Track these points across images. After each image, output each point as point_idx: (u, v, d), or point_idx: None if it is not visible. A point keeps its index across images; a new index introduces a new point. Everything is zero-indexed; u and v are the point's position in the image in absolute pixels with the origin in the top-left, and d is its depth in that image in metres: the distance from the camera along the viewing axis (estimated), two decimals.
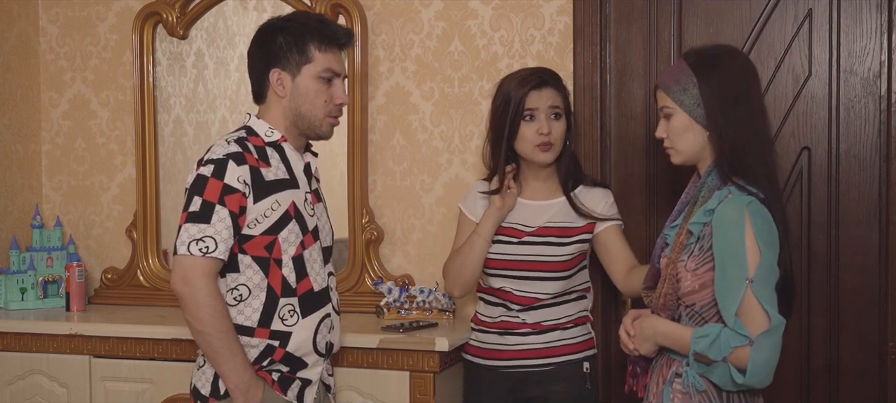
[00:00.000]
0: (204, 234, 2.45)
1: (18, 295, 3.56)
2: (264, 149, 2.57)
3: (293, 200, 2.57)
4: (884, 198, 3.09)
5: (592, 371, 2.96)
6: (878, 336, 3.12)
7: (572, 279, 2.92)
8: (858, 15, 3.09)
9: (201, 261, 2.45)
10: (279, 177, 2.56)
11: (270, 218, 2.53)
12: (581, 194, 2.94)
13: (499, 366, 2.94)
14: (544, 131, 2.84)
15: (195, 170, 2.52)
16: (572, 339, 2.93)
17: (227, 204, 2.46)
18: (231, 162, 2.48)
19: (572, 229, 2.90)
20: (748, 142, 2.35)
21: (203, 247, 2.44)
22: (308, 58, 2.57)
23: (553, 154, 2.88)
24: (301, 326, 2.58)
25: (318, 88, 2.58)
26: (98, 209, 3.86)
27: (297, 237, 2.57)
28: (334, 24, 2.67)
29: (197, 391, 2.59)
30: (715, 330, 2.27)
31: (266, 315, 2.54)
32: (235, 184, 2.48)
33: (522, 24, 3.38)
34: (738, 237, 2.25)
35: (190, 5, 3.68)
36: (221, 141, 2.56)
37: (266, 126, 2.60)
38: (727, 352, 2.24)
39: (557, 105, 2.88)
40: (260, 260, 2.54)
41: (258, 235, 2.52)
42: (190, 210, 2.47)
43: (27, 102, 3.85)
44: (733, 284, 2.25)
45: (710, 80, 2.36)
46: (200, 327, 2.46)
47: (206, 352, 2.52)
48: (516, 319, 2.92)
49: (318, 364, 2.64)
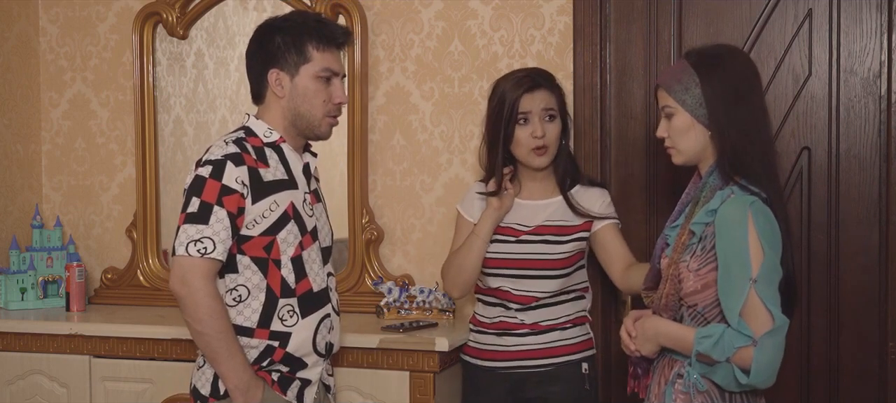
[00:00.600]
0: (202, 235, 2.45)
1: (18, 295, 3.56)
2: (263, 150, 2.57)
3: (292, 201, 2.57)
4: (884, 198, 3.09)
5: (591, 371, 2.96)
6: (878, 336, 3.12)
7: (570, 278, 2.92)
8: (858, 15, 3.09)
9: (199, 262, 2.45)
10: (278, 177, 2.56)
11: (269, 219, 2.52)
12: (578, 193, 2.94)
13: (497, 367, 2.94)
14: (538, 134, 2.84)
15: (194, 171, 2.52)
16: (571, 340, 2.93)
17: (226, 205, 2.46)
18: (229, 162, 2.48)
19: (569, 227, 2.90)
20: (750, 141, 2.35)
21: (201, 248, 2.44)
22: (306, 58, 2.57)
23: (548, 157, 2.89)
24: (301, 326, 2.58)
25: (316, 88, 2.58)
26: (98, 209, 3.86)
27: (296, 238, 2.56)
28: (332, 24, 2.67)
29: (196, 391, 2.59)
30: (718, 330, 2.27)
31: (265, 315, 2.54)
32: (234, 185, 2.47)
33: (522, 24, 3.38)
34: (742, 237, 2.25)
35: (190, 5, 3.68)
36: (220, 141, 2.56)
37: (264, 126, 2.60)
38: (731, 353, 2.24)
39: (551, 107, 2.88)
40: (258, 261, 2.53)
41: (256, 236, 2.52)
42: (188, 211, 2.47)
43: (27, 102, 3.85)
44: (737, 284, 2.25)
45: (711, 80, 2.36)
46: (199, 328, 2.47)
47: (205, 353, 2.52)
48: (514, 319, 2.92)
49: (317, 365, 2.64)
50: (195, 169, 2.52)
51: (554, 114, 2.88)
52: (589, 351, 2.98)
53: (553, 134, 2.88)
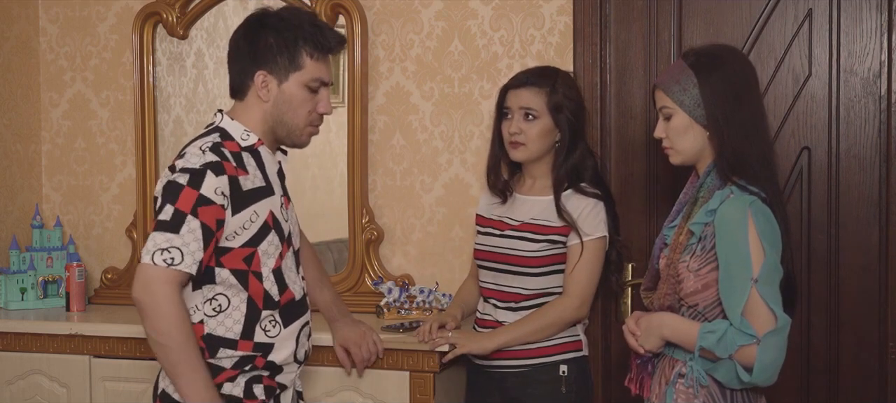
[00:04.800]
0: (170, 244, 2.30)
1: (18, 295, 3.55)
2: (241, 155, 2.43)
3: (270, 209, 2.46)
4: (884, 198, 3.09)
5: (572, 374, 2.87)
6: (878, 336, 3.12)
7: (547, 278, 2.88)
8: (858, 15, 3.09)
9: (164, 272, 2.30)
10: (256, 184, 2.43)
11: (249, 230, 2.41)
12: (568, 197, 2.89)
13: (483, 366, 2.93)
14: (512, 130, 2.86)
15: (167, 176, 2.38)
16: (547, 341, 2.86)
17: (201, 216, 2.32)
18: (209, 172, 2.34)
19: (548, 228, 2.86)
20: (749, 142, 2.35)
21: (168, 258, 2.30)
22: (298, 65, 2.44)
23: (524, 153, 2.87)
24: (283, 336, 2.49)
25: (303, 97, 2.47)
26: (98, 209, 3.86)
27: (277, 249, 2.47)
28: (327, 29, 2.52)
29: (166, 395, 2.46)
30: (722, 326, 2.27)
31: (248, 326, 2.44)
32: (213, 197, 2.34)
33: (522, 24, 3.38)
34: (742, 237, 2.26)
35: (190, 5, 3.68)
36: (194, 148, 2.40)
37: (241, 128, 2.47)
38: (733, 349, 2.24)
39: (531, 107, 2.84)
40: (238, 274, 2.42)
41: (237, 247, 2.40)
42: (160, 218, 2.33)
43: (27, 102, 3.85)
44: (738, 284, 2.25)
45: (710, 80, 2.36)
46: (160, 338, 2.31)
47: (164, 366, 2.36)
48: (500, 318, 2.91)
49: (292, 372, 2.57)
50: (170, 174, 2.38)
51: (534, 115, 2.84)
52: (570, 353, 2.88)
53: (531, 133, 2.85)
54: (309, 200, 3.47)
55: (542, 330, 2.84)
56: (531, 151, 2.87)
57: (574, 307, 2.83)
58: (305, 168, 3.58)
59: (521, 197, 2.95)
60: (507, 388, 2.90)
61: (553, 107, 2.85)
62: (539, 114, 2.85)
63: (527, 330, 2.84)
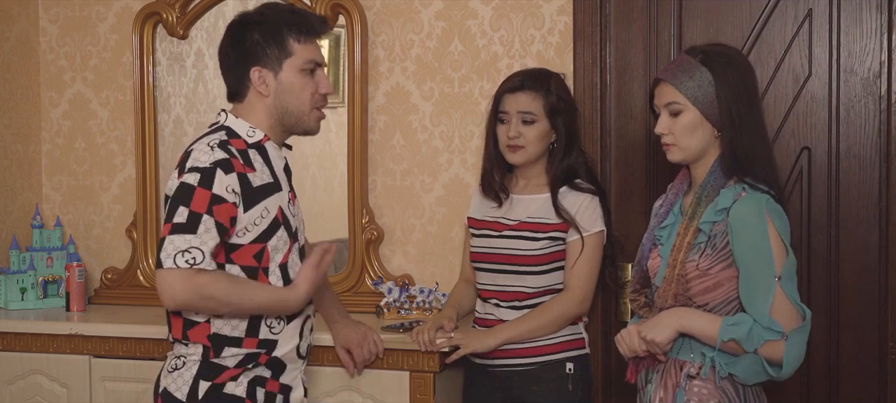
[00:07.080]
0: (190, 245, 2.33)
1: (18, 295, 3.55)
2: (247, 152, 2.46)
3: (279, 204, 2.48)
4: (884, 197, 3.09)
5: (578, 371, 2.89)
6: (878, 336, 3.12)
7: (550, 275, 2.89)
8: (858, 15, 3.09)
9: (187, 272, 2.33)
10: (265, 181, 2.46)
11: (260, 227, 2.44)
12: (564, 195, 2.90)
13: (486, 364, 2.93)
14: (510, 134, 2.86)
15: (178, 178, 2.40)
16: (553, 338, 2.87)
17: (216, 215, 2.35)
18: (219, 170, 2.37)
19: (547, 225, 2.87)
20: (758, 143, 2.36)
21: (190, 259, 2.32)
22: (288, 51, 2.47)
23: (523, 156, 2.88)
24: (287, 332, 2.52)
25: (303, 82, 2.50)
26: (98, 209, 3.86)
27: (286, 244, 2.49)
28: (308, 13, 2.56)
29: (168, 393, 2.47)
30: (748, 319, 2.27)
31: (253, 323, 2.47)
32: (225, 195, 2.37)
33: (522, 24, 3.38)
34: (762, 235, 2.26)
35: (190, 5, 3.68)
36: (202, 145, 2.43)
37: (246, 125, 2.50)
38: (759, 344, 2.25)
39: (529, 110, 2.86)
40: (248, 270, 2.44)
41: (247, 244, 2.43)
42: (175, 221, 2.34)
43: (27, 102, 3.85)
44: (762, 283, 2.25)
45: (726, 80, 2.34)
46: (225, 310, 2.39)
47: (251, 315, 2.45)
48: (503, 317, 2.91)
49: (296, 369, 2.59)
50: (179, 175, 2.40)
51: (533, 119, 2.85)
52: (576, 351, 2.90)
53: (529, 136, 2.86)
54: (309, 200, 3.46)
55: (544, 327, 2.85)
56: (530, 154, 2.88)
57: (576, 302, 2.85)
58: (305, 168, 3.58)
59: (515, 196, 2.95)
60: (512, 387, 2.90)
61: (550, 111, 2.87)
62: (537, 118, 2.86)
63: (530, 327, 2.85)
